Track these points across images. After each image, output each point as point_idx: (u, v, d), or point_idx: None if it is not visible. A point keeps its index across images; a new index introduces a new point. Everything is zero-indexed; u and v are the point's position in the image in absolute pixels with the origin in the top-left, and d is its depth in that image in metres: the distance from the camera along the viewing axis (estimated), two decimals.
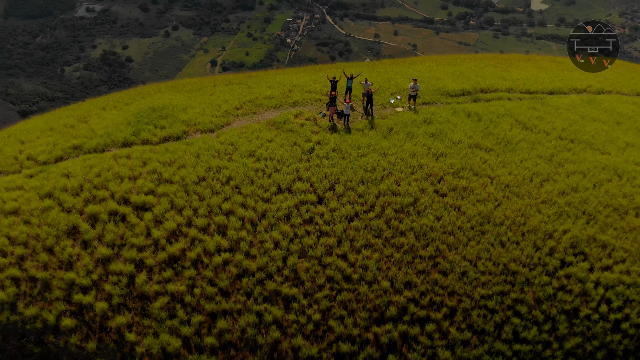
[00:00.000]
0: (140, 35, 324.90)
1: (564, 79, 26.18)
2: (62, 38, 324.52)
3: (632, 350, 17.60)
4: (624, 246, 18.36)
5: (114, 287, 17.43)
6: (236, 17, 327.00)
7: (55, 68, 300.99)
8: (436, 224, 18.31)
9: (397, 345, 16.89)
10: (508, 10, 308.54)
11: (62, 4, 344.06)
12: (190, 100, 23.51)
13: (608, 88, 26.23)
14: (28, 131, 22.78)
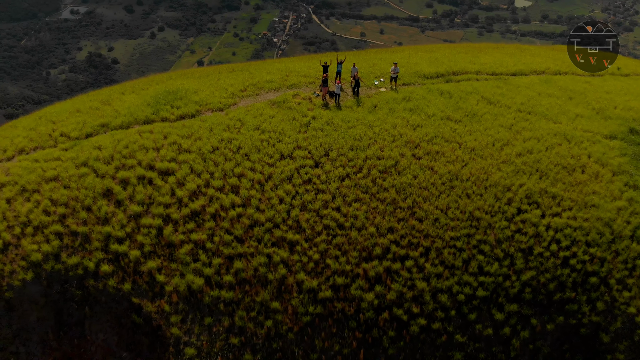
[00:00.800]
0: (126, 37, 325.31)
1: (525, 63, 30.26)
2: (47, 41, 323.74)
3: (579, 282, 21.55)
4: (571, 197, 22.32)
5: (145, 237, 20.98)
6: (222, 17, 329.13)
7: (41, 71, 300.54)
8: (413, 181, 22.12)
9: (382, 278, 20.66)
10: (492, 7, 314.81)
11: (46, 7, 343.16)
12: (200, 84, 27.11)
13: (565, 70, 30.35)
14: (57, 113, 26.19)
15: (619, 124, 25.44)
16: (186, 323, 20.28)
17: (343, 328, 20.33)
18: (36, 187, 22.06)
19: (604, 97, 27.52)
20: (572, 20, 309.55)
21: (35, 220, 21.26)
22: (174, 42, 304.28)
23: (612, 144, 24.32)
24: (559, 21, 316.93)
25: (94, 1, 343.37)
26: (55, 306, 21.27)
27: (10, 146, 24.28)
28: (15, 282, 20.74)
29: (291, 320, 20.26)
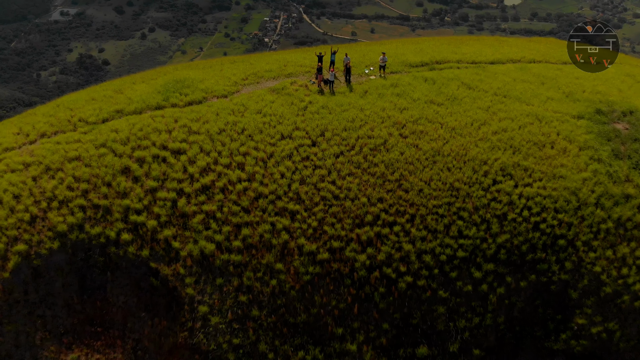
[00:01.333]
0: (116, 38, 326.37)
1: (503, 53, 33.17)
2: (37, 43, 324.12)
3: (549, 244, 24.39)
4: (541, 169, 25.19)
5: (161, 209, 23.56)
6: (213, 17, 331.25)
7: (31, 73, 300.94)
8: (400, 157, 24.89)
9: (373, 242, 23.39)
10: (482, 6, 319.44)
11: (36, 9, 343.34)
12: (204, 74, 29.72)
13: (539, 59, 33.29)
14: (74, 101, 28.69)
15: (586, 106, 28.36)
16: (199, 284, 22.89)
17: (339, 285, 23.04)
18: (59, 166, 24.56)
19: (574, 82, 30.46)
20: (561, 18, 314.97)
21: (60, 195, 23.77)
22: (165, 43, 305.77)
23: (580, 123, 27.21)
24: (548, 19, 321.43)
25: (83, 2, 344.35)
26: (79, 272, 23.79)
27: (32, 131, 26.74)
28: (43, 251, 23.23)
29: (293, 279, 22.93)
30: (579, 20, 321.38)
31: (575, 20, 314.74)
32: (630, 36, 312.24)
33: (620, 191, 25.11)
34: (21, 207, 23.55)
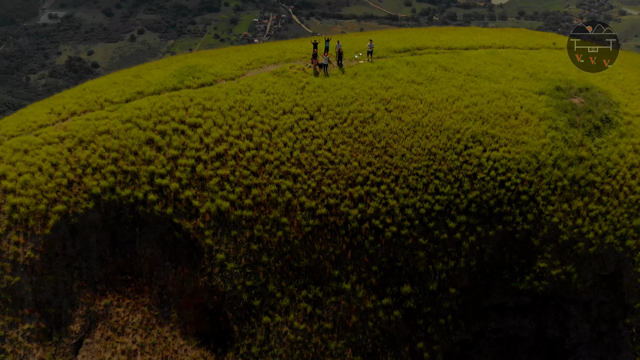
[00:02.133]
0: (106, 40, 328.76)
1: (476, 40, 37.79)
2: (26, 46, 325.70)
3: (513, 199, 28.92)
4: (506, 136, 29.75)
5: (182, 173, 27.78)
6: (202, 19, 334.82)
7: (20, 76, 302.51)
8: (386, 128, 29.33)
9: (363, 198, 27.78)
10: (470, 5, 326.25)
11: (24, 12, 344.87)
12: (213, 61, 34.02)
13: (508, 45, 37.96)
14: (98, 85, 32.87)
15: (547, 84, 33.00)
16: (217, 236, 27.15)
17: (335, 235, 27.41)
18: (91, 138, 28.69)
19: (538, 64, 35.10)
20: (547, 16, 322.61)
21: (94, 163, 27.91)
22: (154, 45, 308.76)
23: (541, 98, 31.83)
24: (535, 17, 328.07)
25: (72, 5, 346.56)
26: (111, 229, 27.95)
27: (63, 110, 30.83)
28: (79, 211, 27.36)
29: (296, 230, 27.26)
30: (565, 18, 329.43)
31: (562, 18, 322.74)
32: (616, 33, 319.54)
33: (575, 154, 29.74)
34: (59, 173, 27.66)
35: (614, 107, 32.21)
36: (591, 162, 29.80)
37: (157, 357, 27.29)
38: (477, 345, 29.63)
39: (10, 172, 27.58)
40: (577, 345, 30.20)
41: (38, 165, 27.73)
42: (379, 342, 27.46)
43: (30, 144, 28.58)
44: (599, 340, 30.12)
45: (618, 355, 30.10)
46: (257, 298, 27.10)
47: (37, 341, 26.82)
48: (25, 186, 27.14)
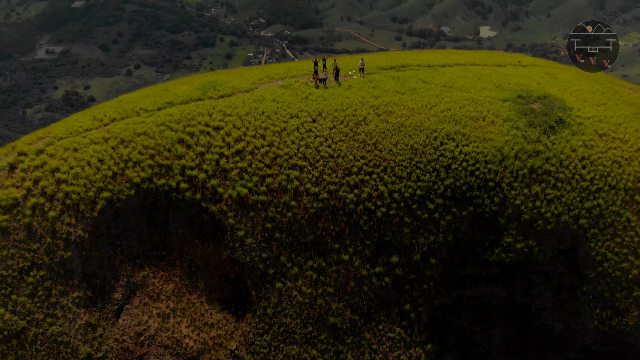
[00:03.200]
0: (102, 75, 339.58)
1: (452, 59, 45.16)
2: (23, 80, 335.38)
3: (482, 185, 35.44)
4: (475, 134, 36.55)
5: (208, 166, 34.18)
6: (198, 54, 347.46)
7: (17, 110, 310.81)
8: (376, 129, 36.08)
9: (358, 185, 34.23)
10: (459, 38, 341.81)
11: (22, 47, 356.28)
12: (229, 77, 40.99)
13: (479, 62, 45.30)
14: (132, 97, 39.61)
15: (510, 93, 40.08)
16: (237, 216, 33.36)
17: (335, 215, 33.70)
18: (131, 138, 35.18)
19: (503, 77, 42.32)
20: (535, 48, 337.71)
21: (134, 158, 34.30)
22: (151, 79, 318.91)
23: (504, 104, 38.82)
24: (523, 49, 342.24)
25: (69, 41, 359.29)
26: (148, 213, 34.10)
27: (105, 117, 37.41)
28: (122, 197, 33.57)
29: (303, 211, 33.53)
30: (552, 49, 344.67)
31: (549, 50, 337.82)
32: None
33: (533, 148, 36.51)
34: (105, 166, 34.00)
35: (567, 111, 39.25)
36: (547, 154, 36.55)
37: (187, 320, 33.05)
38: (456, 311, 35.56)
39: (63, 166, 33.87)
40: (542, 311, 36.19)
41: (87, 160, 34.06)
42: (373, 303, 33.40)
43: (79, 143, 35.01)
44: (561, 306, 36.15)
45: (578, 319, 36.11)
46: (271, 267, 33.12)
47: (85, 307, 32.55)
48: (76, 177, 33.39)
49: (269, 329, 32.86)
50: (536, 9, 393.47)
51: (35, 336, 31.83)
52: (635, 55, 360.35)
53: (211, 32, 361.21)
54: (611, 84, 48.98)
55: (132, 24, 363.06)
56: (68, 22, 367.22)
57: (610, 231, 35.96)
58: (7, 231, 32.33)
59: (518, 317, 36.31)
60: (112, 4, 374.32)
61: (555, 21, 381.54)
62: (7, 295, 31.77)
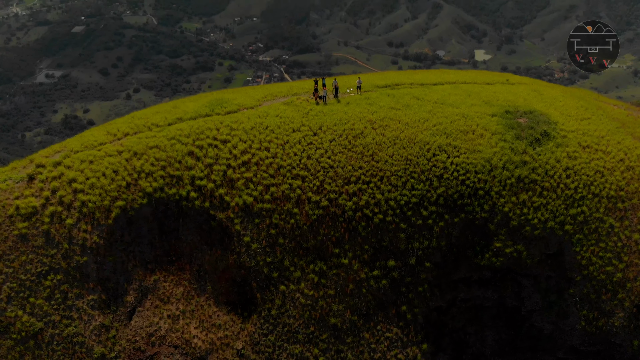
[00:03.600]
0: (102, 99, 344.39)
1: (443, 78, 48.34)
2: (22, 104, 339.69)
3: (472, 194, 38.09)
4: (466, 147, 39.38)
5: (216, 176, 36.81)
6: (197, 77, 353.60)
7: (16, 134, 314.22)
8: (372, 141, 38.89)
9: (356, 194, 36.86)
10: (454, 62, 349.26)
11: (22, 71, 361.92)
12: (235, 95, 43.97)
13: (469, 81, 48.47)
14: (144, 114, 42.45)
15: (498, 108, 43.07)
16: (244, 223, 35.85)
17: (335, 222, 36.22)
18: (143, 151, 37.85)
19: (492, 94, 45.39)
20: (529, 71, 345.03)
21: (147, 169, 36.91)
22: (150, 103, 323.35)
23: (493, 119, 41.76)
24: (518, 72, 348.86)
25: (69, 65, 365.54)
26: (159, 220, 36.55)
27: (118, 132, 40.14)
28: (135, 205, 36.07)
29: (305, 218, 36.06)
30: (547, 72, 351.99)
31: (544, 72, 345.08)
32: (597, 85, 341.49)
33: (519, 159, 39.29)
34: (119, 177, 36.58)
35: (552, 125, 42.19)
36: (533, 165, 39.32)
37: (196, 321, 35.22)
38: (451, 312, 37.79)
39: (79, 177, 36.45)
40: (532, 312, 38.45)
41: (102, 172, 36.65)
42: (371, 305, 35.67)
43: (94, 156, 37.66)
44: (550, 308, 38.44)
45: (566, 320, 38.36)
46: (275, 271, 35.46)
47: (99, 309, 34.74)
48: (92, 187, 35.94)
49: (273, 329, 35.03)
50: (530, 32, 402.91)
51: (52, 337, 33.91)
52: (630, 77, 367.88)
53: (210, 57, 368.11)
54: (596, 101, 52.13)
55: (132, 49, 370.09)
56: (68, 46, 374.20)
57: (594, 236, 38.49)
58: (26, 238, 34.71)
59: (509, 318, 38.53)
60: (112, 29, 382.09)
61: (549, 44, 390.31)
62: (25, 298, 33.98)
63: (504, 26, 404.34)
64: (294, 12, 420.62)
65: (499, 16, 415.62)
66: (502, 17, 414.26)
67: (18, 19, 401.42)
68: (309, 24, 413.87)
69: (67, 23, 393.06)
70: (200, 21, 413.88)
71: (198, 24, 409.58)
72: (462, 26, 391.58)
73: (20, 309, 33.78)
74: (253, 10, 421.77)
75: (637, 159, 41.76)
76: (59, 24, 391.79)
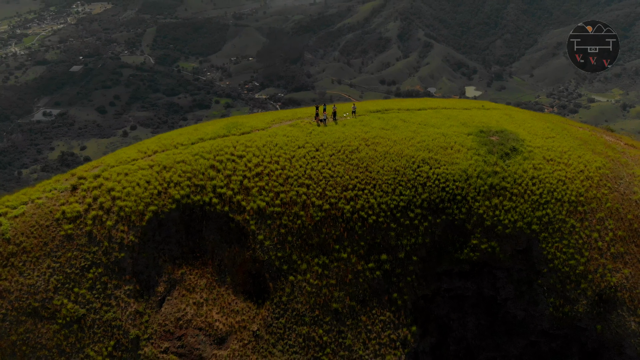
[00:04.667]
0: (99, 136, 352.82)
1: (426, 104, 56.64)
2: (20, 142, 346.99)
3: (451, 199, 45.55)
4: (445, 160, 47.12)
5: (234, 185, 44.16)
6: (194, 115, 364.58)
7: (13, 171, 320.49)
8: (366, 155, 46.61)
9: (353, 198, 44.23)
10: (445, 97, 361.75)
11: (19, 109, 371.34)
12: (248, 119, 51.91)
13: (449, 107, 56.73)
14: (169, 136, 50.12)
15: (473, 129, 51.07)
16: (258, 224, 42.99)
17: (335, 222, 43.44)
18: (172, 165, 45.27)
19: (468, 117, 53.52)
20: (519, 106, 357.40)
21: (175, 180, 44.23)
22: None
23: (469, 137, 49.68)
24: None
25: (66, 103, 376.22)
26: (186, 223, 43.62)
27: (148, 150, 47.65)
28: (165, 210, 43.22)
29: (309, 220, 43.26)
30: (536, 107, 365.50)
31: (534, 108, 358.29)
32: (587, 119, 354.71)
33: (491, 170, 46.97)
34: (151, 186, 43.85)
35: (520, 142, 50.13)
36: (503, 174, 46.99)
37: (217, 308, 41.85)
38: (436, 301, 44.56)
39: (117, 186, 43.68)
40: (506, 301, 45.27)
41: (136, 182, 43.93)
42: (367, 292, 42.48)
43: (129, 169, 45.01)
44: (522, 297, 45.29)
45: (536, 307, 45.17)
46: (285, 264, 42.37)
47: (134, 297, 41.34)
48: (128, 195, 43.14)
49: (283, 313, 41.65)
50: (519, 69, 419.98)
51: (93, 321, 40.36)
52: (618, 111, 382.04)
53: (207, 95, 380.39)
54: (562, 123, 60.41)
55: (129, 87, 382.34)
56: (66, 85, 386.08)
57: (558, 235, 45.78)
58: (72, 237, 41.63)
59: (487, 306, 45.28)
60: (110, 68, 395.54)
61: (538, 80, 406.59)
62: (70, 289, 40.62)
63: (494, 63, 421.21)
64: (289, 52, 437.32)
65: (488, 54, 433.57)
66: (492, 54, 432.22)
67: (16, 58, 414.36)
68: (303, 64, 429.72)
69: (65, 63, 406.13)
70: (197, 61, 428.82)
71: (195, 64, 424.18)
72: (453, 64, 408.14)
73: (65, 298, 40.35)
74: (249, 51, 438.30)
75: (596, 170, 49.56)
76: (57, 64, 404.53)
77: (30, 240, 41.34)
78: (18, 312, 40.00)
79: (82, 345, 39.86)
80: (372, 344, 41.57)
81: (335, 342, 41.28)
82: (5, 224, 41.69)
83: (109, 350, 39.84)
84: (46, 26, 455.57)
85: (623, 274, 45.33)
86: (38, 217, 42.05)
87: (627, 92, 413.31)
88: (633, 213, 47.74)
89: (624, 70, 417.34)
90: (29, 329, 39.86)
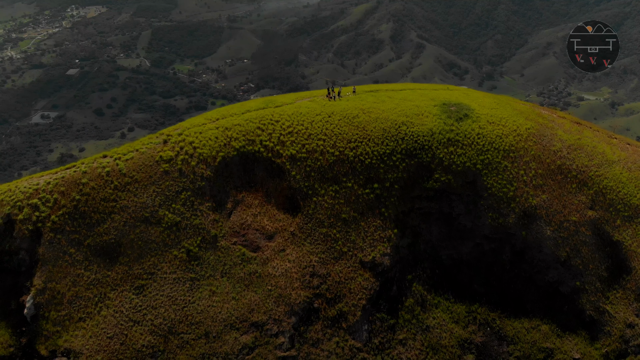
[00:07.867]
0: (97, 138, 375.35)
1: (406, 87, 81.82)
2: (18, 144, 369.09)
3: (421, 147, 70.69)
4: (417, 122, 72.45)
5: (274, 139, 68.97)
6: (190, 116, 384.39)
7: (12, 173, 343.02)
8: (363, 120, 71.80)
9: (354, 148, 69.22)
10: None
11: (17, 112, 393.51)
12: (278, 98, 77.09)
13: (423, 88, 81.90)
14: (225, 109, 75.08)
15: (439, 102, 76.18)
16: (291, 164, 67.81)
17: (343, 163, 68.38)
18: (231, 127, 69.97)
19: (436, 95, 78.63)
20: None
21: (234, 136, 68.92)
22: None
23: (435, 107, 74.83)
24: None
25: (64, 106, 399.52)
26: (243, 164, 68.37)
27: (212, 118, 72.26)
28: (230, 155, 67.92)
29: (325, 162, 68.15)
30: None
31: None
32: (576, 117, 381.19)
33: (449, 128, 72.06)
34: (219, 140, 68.50)
35: (471, 111, 75.37)
36: (457, 132, 72.11)
37: (267, 217, 66.55)
38: (411, 215, 69.45)
39: (195, 140, 68.21)
40: (459, 215, 70.22)
41: (208, 137, 68.49)
42: (364, 208, 67.35)
43: (202, 130, 69.58)
44: (469, 213, 70.26)
45: (479, 220, 70.20)
46: (309, 190, 67.12)
47: (212, 210, 65.86)
48: (204, 145, 67.70)
49: (310, 220, 66.32)
50: (510, 69, 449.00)
51: (186, 225, 64.81)
52: (607, 109, 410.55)
53: (203, 97, 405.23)
54: (509, 101, 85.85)
55: (126, 90, 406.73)
56: (63, 88, 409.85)
57: (495, 172, 70.86)
58: (168, 172, 66.22)
59: (446, 220, 70.15)
60: (106, 71, 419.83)
61: (528, 80, 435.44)
62: (169, 205, 65.11)
63: (485, 63, 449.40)
64: (283, 54, 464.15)
65: (479, 54, 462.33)
66: (483, 55, 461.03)
67: (13, 62, 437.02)
68: (297, 65, 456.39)
69: (61, 66, 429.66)
70: (192, 63, 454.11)
71: (190, 66, 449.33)
72: (445, 64, 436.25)
73: (166, 210, 64.84)
74: (244, 53, 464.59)
75: (525, 130, 74.92)
76: (53, 67, 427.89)
77: (139, 174, 65.81)
78: (134, 219, 64.36)
79: (180, 239, 64.31)
80: (368, 239, 66.39)
81: (343, 238, 66.05)
82: (121, 164, 66.23)
83: (197, 242, 64.29)
84: (41, 30, 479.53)
85: (541, 198, 70.60)
86: (143, 159, 66.59)
87: (616, 90, 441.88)
88: (551, 158, 73.20)
89: (612, 69, 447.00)
90: (143, 231, 64.18)
